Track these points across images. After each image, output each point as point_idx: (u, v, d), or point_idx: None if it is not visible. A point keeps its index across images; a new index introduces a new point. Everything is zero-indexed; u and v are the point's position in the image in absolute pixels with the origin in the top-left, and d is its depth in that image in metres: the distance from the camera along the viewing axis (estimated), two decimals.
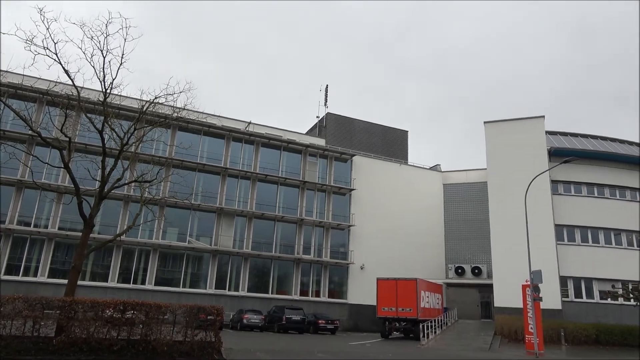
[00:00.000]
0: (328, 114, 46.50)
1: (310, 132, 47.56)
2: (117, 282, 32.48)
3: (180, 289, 33.93)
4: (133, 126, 17.16)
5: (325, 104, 47.51)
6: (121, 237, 23.83)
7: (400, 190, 43.92)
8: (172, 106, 17.72)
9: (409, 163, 47.32)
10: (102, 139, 16.38)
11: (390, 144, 48.31)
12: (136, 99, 18.03)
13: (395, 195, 43.44)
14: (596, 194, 33.44)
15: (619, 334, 27.05)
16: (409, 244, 42.14)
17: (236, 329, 30.60)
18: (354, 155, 42.59)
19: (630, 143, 37.85)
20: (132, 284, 32.86)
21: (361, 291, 38.46)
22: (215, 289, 35.03)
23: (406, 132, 50.46)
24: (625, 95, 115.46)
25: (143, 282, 33.24)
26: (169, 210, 34.38)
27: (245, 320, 30.42)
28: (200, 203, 35.26)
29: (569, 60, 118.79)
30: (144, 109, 17.47)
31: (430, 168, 47.77)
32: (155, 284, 33.42)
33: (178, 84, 16.38)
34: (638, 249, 32.52)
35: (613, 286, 30.37)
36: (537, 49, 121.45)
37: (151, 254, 34.00)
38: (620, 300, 29.76)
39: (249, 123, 40.08)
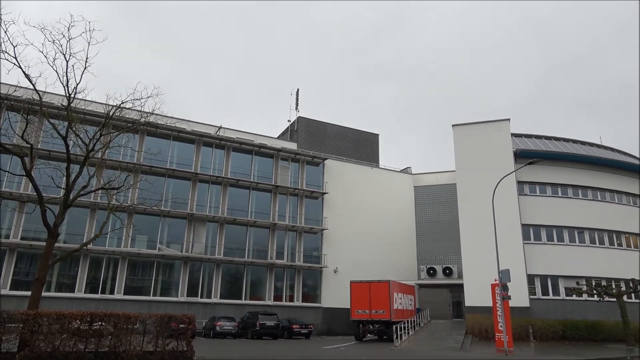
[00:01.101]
0: (299, 118, 46.51)
1: (281, 136, 47.46)
2: (85, 292, 31.50)
3: (151, 298, 33.18)
4: (99, 132, 16.72)
5: (296, 108, 47.55)
6: (88, 246, 23.15)
7: (372, 193, 44.29)
8: (140, 111, 17.36)
9: (380, 166, 47.79)
10: (67, 146, 15.90)
11: (361, 147, 48.69)
12: (102, 103, 17.62)
13: (367, 198, 43.78)
14: (560, 194, 34.56)
15: (583, 329, 28.00)
16: (382, 246, 42.51)
17: (209, 337, 30.15)
18: (325, 158, 42.72)
19: (591, 144, 39.32)
20: (100, 293, 31.95)
21: (335, 295, 38.53)
22: (187, 296, 34.43)
23: (377, 135, 50.95)
24: (586, 99, 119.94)
25: (112, 292, 32.37)
26: (138, 217, 33.64)
27: (218, 328, 30.01)
28: (170, 209, 34.63)
29: (533, 64, 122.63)
30: (110, 114, 17.06)
31: (401, 171, 48.35)
32: (125, 293, 32.58)
33: (146, 88, 16.21)
34: (600, 246, 33.76)
35: (578, 283, 31.40)
36: (503, 53, 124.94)
37: (120, 262, 33.15)
38: (585, 297, 30.80)
39: (220, 127, 39.68)
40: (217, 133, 39.00)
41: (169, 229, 35.57)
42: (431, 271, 41.18)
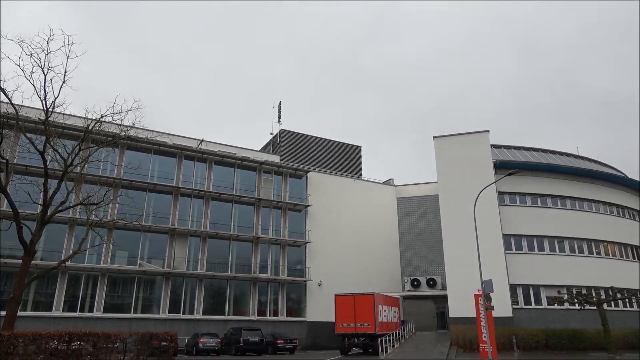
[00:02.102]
0: (282, 131, 46.54)
1: (264, 149, 47.37)
2: (63, 310, 30.62)
3: (132, 315, 32.42)
4: (78, 146, 16.44)
5: (279, 121, 47.61)
6: (66, 263, 22.62)
7: (355, 205, 44.38)
8: (120, 125, 17.15)
9: (363, 178, 47.99)
10: (44, 160, 15.58)
11: (344, 159, 48.87)
12: (81, 117, 17.34)
13: (351, 210, 43.84)
14: (540, 204, 35.11)
15: (566, 338, 28.29)
16: (366, 258, 42.51)
17: (192, 354, 29.57)
18: (308, 171, 42.72)
19: (568, 155, 40.18)
20: (79, 312, 31.11)
21: (319, 308, 38.27)
22: (168, 313, 33.76)
23: (359, 147, 51.25)
24: (563, 110, 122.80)
25: (91, 310, 31.55)
26: (118, 232, 33.01)
27: (201, 345, 29.43)
28: (151, 224, 34.09)
29: (512, 76, 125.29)
30: (90, 128, 16.81)
31: (384, 182, 48.63)
32: (104, 311, 31.79)
33: (126, 102, 16.00)
34: (580, 255, 34.31)
35: (559, 292, 31.78)
36: (483, 65, 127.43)
37: (99, 279, 32.40)
38: (566, 305, 31.15)
39: (202, 141, 39.41)
40: (199, 146, 38.72)
41: (150, 245, 34.96)
42: (415, 282, 41.26)
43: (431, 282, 40.83)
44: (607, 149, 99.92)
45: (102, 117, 16.64)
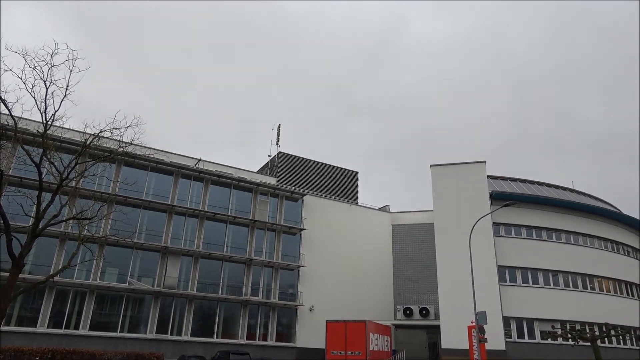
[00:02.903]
0: (280, 153, 46.65)
1: (261, 171, 47.37)
2: (48, 326, 29.94)
3: (118, 334, 31.76)
4: (75, 160, 16.39)
5: (277, 143, 47.74)
6: (54, 277, 22.25)
7: (350, 231, 44.18)
8: (118, 140, 17.14)
9: (359, 203, 47.92)
10: (39, 173, 15.50)
11: (341, 184, 48.89)
12: (79, 132, 17.32)
13: (345, 236, 43.62)
14: (535, 236, 35.07)
15: None
16: (359, 284, 42.07)
17: None
18: (304, 194, 42.66)
19: (564, 188, 40.39)
20: (65, 328, 30.43)
21: (310, 334, 37.63)
22: (156, 333, 33.07)
23: (356, 172, 51.36)
24: (558, 143, 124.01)
25: (77, 327, 30.87)
26: (109, 249, 32.64)
27: None
28: (143, 242, 33.74)
29: (507, 109, 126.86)
30: (88, 142, 16.79)
31: (380, 209, 48.54)
32: (90, 329, 31.12)
33: (125, 118, 15.97)
34: (574, 289, 34.10)
35: (553, 326, 31.44)
36: (480, 96, 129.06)
37: (87, 295, 31.83)
38: (560, 340, 30.79)
39: (199, 160, 39.42)
40: (196, 165, 38.70)
41: (141, 262, 34.53)
42: (408, 311, 40.74)
43: (424, 312, 40.31)
44: (602, 184, 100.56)
45: (101, 132, 16.64)
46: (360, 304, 40.35)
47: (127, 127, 16.51)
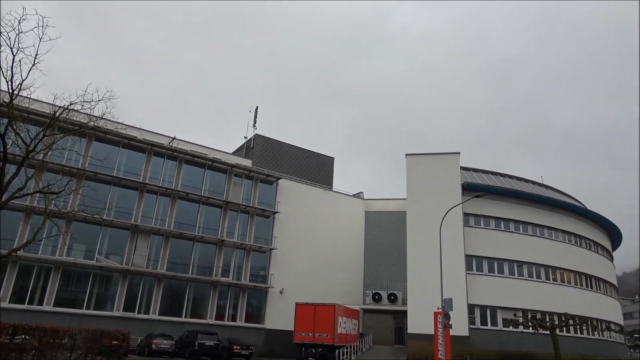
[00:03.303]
0: (256, 136, 46.22)
1: (237, 152, 46.89)
2: (10, 302, 29.20)
3: (84, 311, 31.26)
4: (42, 132, 15.84)
5: (254, 125, 47.22)
6: (18, 252, 21.67)
7: (324, 216, 44.37)
8: (89, 114, 16.62)
9: (333, 189, 48.08)
10: (4, 144, 14.93)
11: (316, 169, 48.87)
12: (48, 103, 16.73)
13: (319, 220, 43.79)
14: (502, 228, 35.98)
15: (518, 359, 28.90)
16: (330, 268, 42.45)
17: (144, 355, 28.68)
18: (279, 178, 42.51)
19: (533, 182, 41.45)
20: (28, 304, 29.76)
21: (279, 316, 37.89)
22: (123, 311, 32.72)
23: (332, 158, 51.40)
24: (528, 139, 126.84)
25: (40, 303, 30.24)
26: (77, 225, 31.92)
27: (154, 346, 28.60)
28: (113, 219, 33.08)
29: (484, 102, 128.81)
30: (57, 115, 16.23)
31: (354, 195, 48.82)
32: (55, 305, 30.53)
33: (97, 91, 15.28)
34: (537, 280, 35.26)
35: (515, 314, 32.51)
36: (457, 88, 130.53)
37: (52, 271, 31.14)
38: (521, 328, 31.88)
39: (173, 138, 38.69)
40: (170, 144, 38.00)
41: (109, 240, 33.92)
42: (376, 296, 41.43)
43: (392, 297, 41.07)
44: (569, 179, 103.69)
45: (71, 104, 16.08)
46: (331, 287, 40.77)
47: (99, 100, 15.99)
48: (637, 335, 39.39)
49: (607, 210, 47.91)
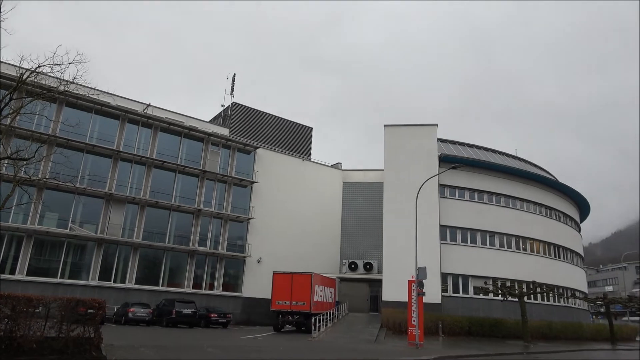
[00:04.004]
0: (234, 104, 45.47)
1: (214, 121, 46.12)
2: None
3: (58, 280, 30.94)
4: (9, 96, 15.18)
5: (231, 93, 46.41)
6: None
7: (302, 186, 44.44)
8: (59, 78, 15.95)
9: (312, 159, 48.03)
10: None
11: (295, 139, 48.60)
12: (15, 65, 15.96)
13: (296, 190, 43.86)
14: (477, 199, 36.71)
15: (487, 326, 30.09)
16: (307, 238, 42.84)
17: (120, 324, 28.75)
18: (257, 147, 42.15)
19: (507, 155, 42.18)
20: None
21: (257, 285, 38.28)
22: (98, 280, 32.52)
23: (311, 128, 51.15)
24: (505, 112, 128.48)
25: (12, 272, 29.74)
26: (48, 193, 31.22)
27: (130, 314, 28.68)
28: (86, 187, 32.39)
29: (464, 74, 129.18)
30: (24, 77, 15.53)
31: (332, 166, 48.94)
32: (28, 274, 30.10)
33: (67, 53, 14.40)
34: (508, 249, 36.35)
35: (485, 283, 33.61)
36: (440, 60, 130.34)
37: (24, 240, 30.55)
38: (491, 296, 33.04)
39: (148, 105, 37.74)
40: (145, 111, 37.07)
41: (83, 208, 33.33)
42: (353, 265, 42.17)
43: (368, 266, 41.89)
44: (541, 153, 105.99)
45: (39, 66, 15.37)
46: (308, 257, 41.26)
47: (70, 63, 15.31)
48: (600, 302, 41.30)
49: (577, 183, 49.39)
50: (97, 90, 24.31)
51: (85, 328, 12.68)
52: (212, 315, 31.64)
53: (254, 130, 45.32)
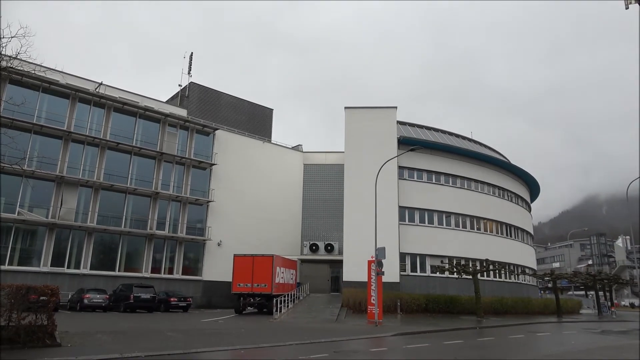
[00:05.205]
0: (191, 84, 44.28)
1: (170, 101, 44.80)
2: None
3: (6, 267, 29.54)
4: None
5: (189, 73, 45.14)
6: None
7: (262, 168, 44.12)
8: (1, 53, 14.96)
9: (272, 141, 47.66)
10: None
11: (255, 121, 48.01)
12: None
13: (257, 173, 43.53)
14: (434, 180, 37.66)
15: (443, 302, 31.24)
16: (268, 220, 42.77)
17: (76, 310, 27.92)
18: (217, 129, 41.37)
19: (464, 137, 43.36)
20: None
21: (217, 268, 38.01)
22: (51, 266, 31.32)
23: (271, 110, 50.63)
24: (462, 96, 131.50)
25: None
26: None
27: (86, 300, 27.89)
28: (34, 169, 30.84)
29: (423, 57, 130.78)
30: None
31: (293, 148, 48.77)
32: None
33: (9, 26, 13.34)
34: (463, 229, 37.64)
35: (442, 261, 34.75)
36: (400, 42, 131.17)
37: None
38: (446, 274, 34.24)
39: (100, 84, 36.17)
40: (97, 90, 35.51)
41: (32, 192, 31.83)
42: (314, 247, 42.53)
43: (329, 247, 42.37)
44: (495, 136, 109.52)
45: None
46: (269, 239, 41.26)
47: (12, 37, 14.37)
48: (548, 278, 43.67)
49: (527, 165, 51.46)
50: (44, 67, 22.99)
51: (37, 316, 12.25)
52: (171, 299, 31.25)
53: (213, 111, 44.40)
